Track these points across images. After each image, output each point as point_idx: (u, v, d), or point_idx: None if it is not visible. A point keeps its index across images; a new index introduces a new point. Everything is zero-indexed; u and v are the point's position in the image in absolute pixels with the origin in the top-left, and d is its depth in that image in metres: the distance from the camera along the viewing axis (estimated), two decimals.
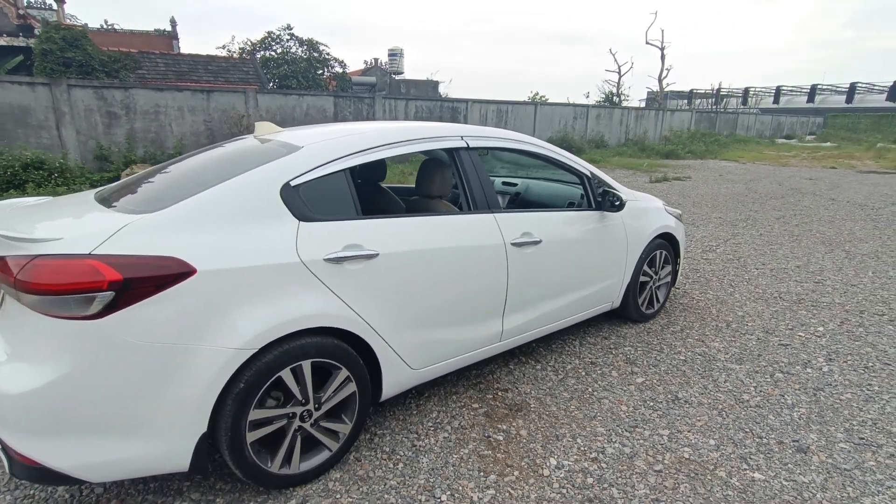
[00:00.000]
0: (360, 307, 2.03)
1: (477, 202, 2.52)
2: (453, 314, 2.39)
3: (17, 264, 1.56)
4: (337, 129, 2.47)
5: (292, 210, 1.93)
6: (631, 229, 3.30)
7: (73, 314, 1.54)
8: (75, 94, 9.32)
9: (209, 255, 1.71)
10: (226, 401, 1.75)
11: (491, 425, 2.44)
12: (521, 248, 2.60)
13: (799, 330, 3.57)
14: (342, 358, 2.01)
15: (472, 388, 2.76)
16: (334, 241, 1.98)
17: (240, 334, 1.73)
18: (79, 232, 1.65)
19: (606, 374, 2.93)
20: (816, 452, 2.27)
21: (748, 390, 2.78)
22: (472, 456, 2.22)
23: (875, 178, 13.02)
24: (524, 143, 2.88)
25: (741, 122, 27.28)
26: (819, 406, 2.64)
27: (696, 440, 2.35)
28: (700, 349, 3.26)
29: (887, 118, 34.46)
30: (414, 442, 2.31)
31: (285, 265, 1.85)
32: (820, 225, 7.13)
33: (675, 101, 37.96)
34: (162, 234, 1.69)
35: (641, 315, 3.59)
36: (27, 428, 1.55)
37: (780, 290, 4.38)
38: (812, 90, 42.93)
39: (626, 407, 2.61)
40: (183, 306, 1.65)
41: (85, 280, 1.53)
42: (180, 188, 1.99)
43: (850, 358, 3.16)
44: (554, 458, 2.21)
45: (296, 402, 1.93)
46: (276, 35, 18.62)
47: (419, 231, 2.25)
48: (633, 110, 21.53)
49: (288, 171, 1.98)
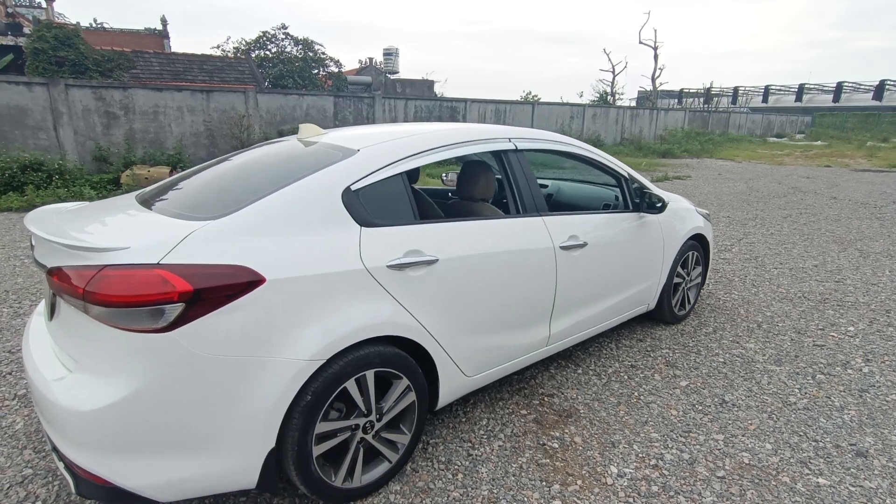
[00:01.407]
0: (420, 315, 1.98)
1: (526, 205, 2.48)
2: (505, 319, 2.34)
3: (84, 275, 1.48)
4: (387, 130, 2.41)
5: (354, 215, 1.87)
6: (667, 230, 3.28)
7: (142, 327, 1.47)
8: (73, 94, 9.12)
9: (276, 262, 1.65)
10: (293, 414, 1.68)
11: (543, 432, 2.40)
12: (568, 252, 2.55)
13: (830, 330, 3.57)
14: (403, 367, 1.95)
15: (516, 394, 2.71)
16: (396, 247, 1.93)
17: (308, 345, 1.67)
18: (145, 240, 1.57)
19: (649, 378, 2.90)
20: (876, 456, 2.25)
21: (793, 392, 2.76)
22: (530, 465, 2.18)
23: (871, 176, 13.18)
24: (567, 145, 2.84)
25: (733, 120, 27.53)
26: (868, 408, 2.62)
27: (753, 444, 2.32)
28: (737, 351, 3.24)
29: (874, 117, 35.01)
30: (469, 451, 2.26)
31: (350, 272, 1.79)
32: (828, 223, 7.18)
33: (666, 100, 38.25)
34: (228, 242, 1.62)
35: (674, 317, 3.57)
36: (98, 446, 1.48)
37: (803, 290, 4.38)
38: (800, 89, 43.50)
39: (676, 411, 2.58)
40: (252, 317, 1.59)
41: (155, 292, 1.46)
42: (237, 192, 1.93)
43: (887, 358, 3.16)
44: (614, 466, 2.17)
45: (359, 413, 1.87)
46: (272, 34, 18.44)
47: (476, 235, 2.20)
48: (629, 109, 21.62)
49: (348, 176, 1.92)
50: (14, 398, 2.60)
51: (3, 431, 2.34)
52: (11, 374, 2.83)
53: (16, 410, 2.50)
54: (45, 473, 2.08)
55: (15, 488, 1.99)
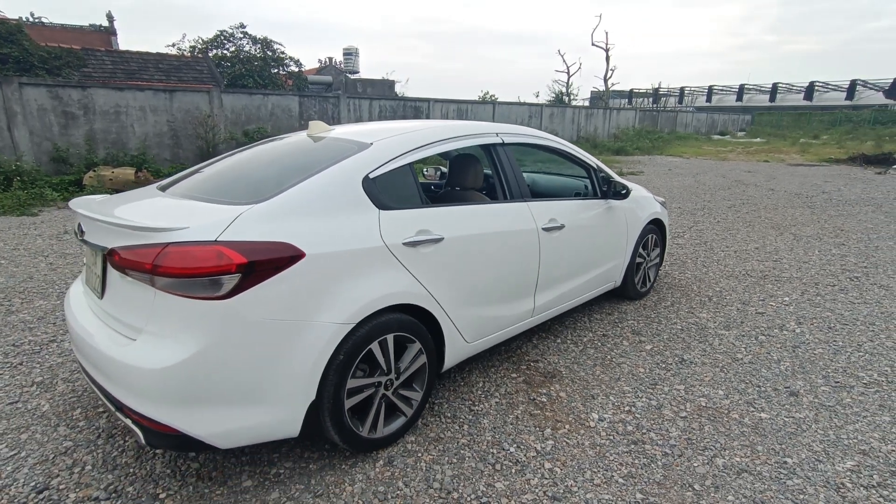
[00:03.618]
0: (430, 286, 2.27)
1: (512, 192, 2.81)
2: (498, 291, 2.67)
3: (151, 252, 1.70)
4: (391, 126, 2.68)
5: (373, 200, 2.15)
6: (629, 215, 3.70)
7: (205, 295, 1.70)
8: (28, 93, 8.85)
9: (314, 240, 1.91)
10: (329, 371, 1.95)
11: (532, 390, 2.74)
12: (549, 233, 2.91)
13: (769, 301, 4.10)
14: (415, 332, 2.24)
15: (506, 361, 3.05)
16: (409, 228, 2.22)
17: (341, 310, 1.94)
18: (200, 221, 1.80)
19: (619, 344, 3.30)
20: (805, 395, 2.72)
21: (740, 350, 3.23)
22: (524, 415, 2.52)
23: (803, 170, 14.35)
24: (545, 140, 3.20)
25: (680, 119, 29.02)
26: (799, 360, 3.11)
27: (708, 391, 2.75)
28: (692, 319, 3.70)
29: (805, 116, 37.65)
30: (471, 407, 2.58)
31: (373, 248, 2.07)
32: (766, 212, 7.91)
33: (617, 100, 39.82)
34: (271, 222, 1.87)
35: (637, 293, 4.00)
36: (169, 399, 1.70)
37: (746, 269, 4.94)
38: (740, 90, 46.11)
39: (643, 369, 2.98)
40: (295, 286, 1.84)
41: (217, 264, 1.70)
42: (271, 180, 2.16)
43: (815, 321, 3.69)
44: (595, 413, 2.54)
45: (381, 371, 2.15)
46: (229, 33, 18.15)
47: (473, 217, 2.52)
48: (584, 109, 22.49)
49: (366, 166, 2.20)
50: (32, 385, 2.73)
51: (33, 413, 2.48)
52: (22, 364, 2.94)
53: (38, 395, 2.63)
54: (87, 443, 2.25)
55: (60, 457, 2.16)
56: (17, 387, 2.70)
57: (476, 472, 2.12)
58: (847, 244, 5.92)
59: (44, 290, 4.09)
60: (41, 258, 4.96)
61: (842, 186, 10.80)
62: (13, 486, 1.99)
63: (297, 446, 2.26)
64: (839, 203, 8.71)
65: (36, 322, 3.50)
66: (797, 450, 2.27)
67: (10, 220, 6.59)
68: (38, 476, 2.05)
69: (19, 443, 2.25)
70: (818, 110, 39.08)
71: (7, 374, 2.81)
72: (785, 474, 2.11)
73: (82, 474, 2.07)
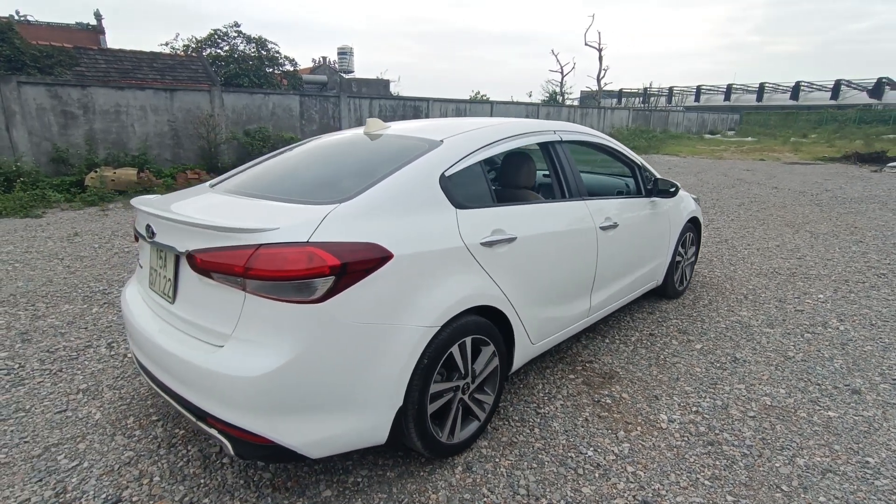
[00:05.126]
0: (504, 287, 2.22)
1: (571, 190, 2.77)
2: (560, 292, 2.62)
3: (242, 255, 1.62)
4: (452, 123, 2.62)
5: (450, 198, 2.08)
6: (672, 213, 3.68)
7: (299, 298, 1.63)
8: (26, 93, 8.61)
9: (400, 240, 1.84)
10: (415, 376, 1.88)
11: (594, 391, 2.70)
12: (605, 232, 2.87)
13: (805, 298, 4.10)
14: (489, 334, 2.18)
15: (560, 363, 3.00)
16: (484, 227, 2.16)
17: (427, 313, 1.87)
18: (289, 222, 1.72)
19: (668, 344, 3.27)
20: (867, 393, 2.71)
21: (790, 349, 3.21)
22: (593, 417, 2.47)
23: (801, 168, 14.52)
24: (599, 138, 3.16)
25: (671, 119, 29.27)
26: (851, 357, 3.10)
27: (770, 390, 2.72)
28: (734, 318, 3.68)
29: (792, 115, 38.19)
30: (536, 410, 2.53)
31: (454, 249, 2.01)
32: (776, 210, 7.97)
33: (607, 100, 40.04)
34: (358, 222, 1.80)
35: (676, 292, 3.98)
36: (261, 408, 1.62)
37: (773, 266, 4.95)
38: (728, 89, 46.62)
39: (699, 369, 2.95)
40: (384, 289, 1.77)
41: (311, 266, 1.62)
42: (346, 178, 2.09)
43: (855, 318, 3.70)
44: (663, 414, 2.50)
45: (459, 375, 2.09)
46: (224, 32, 17.88)
47: (542, 216, 2.47)
48: (579, 109, 22.58)
49: (441, 163, 2.13)
50: (78, 392, 2.62)
51: (85, 422, 2.37)
52: (62, 370, 2.83)
53: (86, 403, 2.53)
54: (148, 453, 2.16)
55: (125, 468, 2.07)
56: (62, 394, 2.59)
57: (559, 477, 2.06)
58: (864, 241, 5.97)
59: (67, 294, 3.95)
60: (56, 261, 4.81)
61: (843, 184, 10.93)
62: (83, 498, 1.90)
63: (370, 453, 2.19)
64: (845, 201, 8.81)
65: (66, 327, 3.38)
66: (876, 449, 2.25)
67: (15, 223, 6.40)
68: (108, 488, 1.95)
69: (78, 453, 2.15)
70: (804, 110, 39.64)
71: (48, 382, 2.70)
72: (871, 474, 2.09)
73: (152, 486, 1.98)
